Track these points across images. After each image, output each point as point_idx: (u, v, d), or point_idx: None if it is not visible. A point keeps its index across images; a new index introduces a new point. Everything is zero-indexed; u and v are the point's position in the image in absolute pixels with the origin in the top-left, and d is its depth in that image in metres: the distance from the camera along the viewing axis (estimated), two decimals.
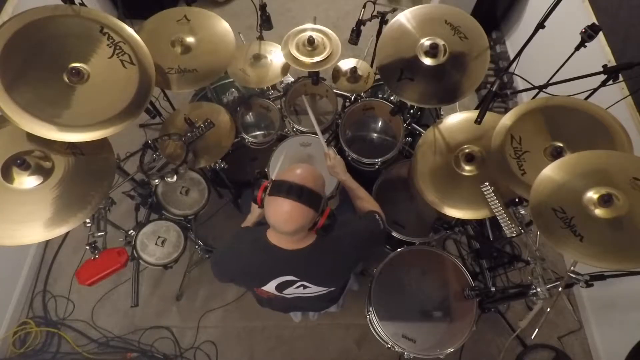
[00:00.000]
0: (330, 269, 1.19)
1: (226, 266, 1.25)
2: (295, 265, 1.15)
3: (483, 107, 1.28)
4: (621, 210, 1.10)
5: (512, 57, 1.92)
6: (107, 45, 1.35)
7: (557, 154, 1.32)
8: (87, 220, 1.45)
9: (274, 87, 2.05)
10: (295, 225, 1.02)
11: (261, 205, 1.11)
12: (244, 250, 1.20)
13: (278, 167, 1.78)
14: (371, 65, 1.98)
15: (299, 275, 1.17)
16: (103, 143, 1.35)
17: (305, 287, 1.21)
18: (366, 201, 1.38)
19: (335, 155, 1.49)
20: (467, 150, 1.53)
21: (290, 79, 2.04)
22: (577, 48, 1.49)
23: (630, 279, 1.26)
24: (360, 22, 1.73)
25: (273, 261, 1.14)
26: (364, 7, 1.71)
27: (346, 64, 1.93)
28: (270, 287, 1.20)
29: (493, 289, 1.68)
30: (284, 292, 1.23)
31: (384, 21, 1.77)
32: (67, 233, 1.70)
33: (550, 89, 1.38)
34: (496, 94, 1.29)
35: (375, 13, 1.73)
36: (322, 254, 1.15)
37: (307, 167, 1.08)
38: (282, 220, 1.02)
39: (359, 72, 1.89)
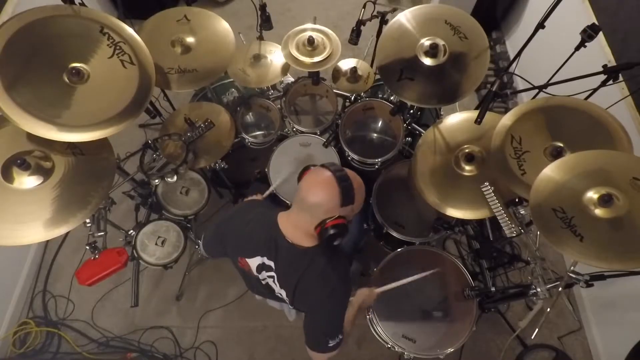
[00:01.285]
0: (292, 282, 1.17)
1: (225, 224, 1.27)
2: (279, 256, 1.15)
3: (483, 107, 1.28)
4: (621, 210, 1.10)
5: (512, 57, 1.92)
6: (107, 45, 1.35)
7: (557, 154, 1.32)
8: (87, 220, 1.46)
9: (274, 87, 2.05)
10: (319, 197, 1.04)
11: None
12: (251, 215, 1.23)
13: (278, 167, 1.78)
14: (371, 65, 1.98)
15: (275, 265, 1.17)
16: (103, 143, 1.36)
17: (274, 280, 1.21)
18: (349, 324, 1.31)
19: (375, 295, 1.47)
20: (467, 150, 1.53)
21: (290, 79, 2.04)
22: (577, 48, 1.49)
23: (630, 279, 1.26)
24: (360, 22, 1.74)
25: (267, 239, 1.15)
26: (364, 7, 1.71)
27: (346, 64, 1.93)
28: (253, 263, 1.21)
29: (493, 289, 1.68)
30: (260, 274, 1.23)
31: (384, 21, 1.77)
32: (67, 233, 1.70)
33: (550, 89, 1.38)
34: (496, 94, 1.29)
35: (375, 13, 1.73)
36: (300, 266, 1.13)
37: (361, 182, 1.12)
38: (315, 187, 1.05)
39: (359, 72, 1.89)
